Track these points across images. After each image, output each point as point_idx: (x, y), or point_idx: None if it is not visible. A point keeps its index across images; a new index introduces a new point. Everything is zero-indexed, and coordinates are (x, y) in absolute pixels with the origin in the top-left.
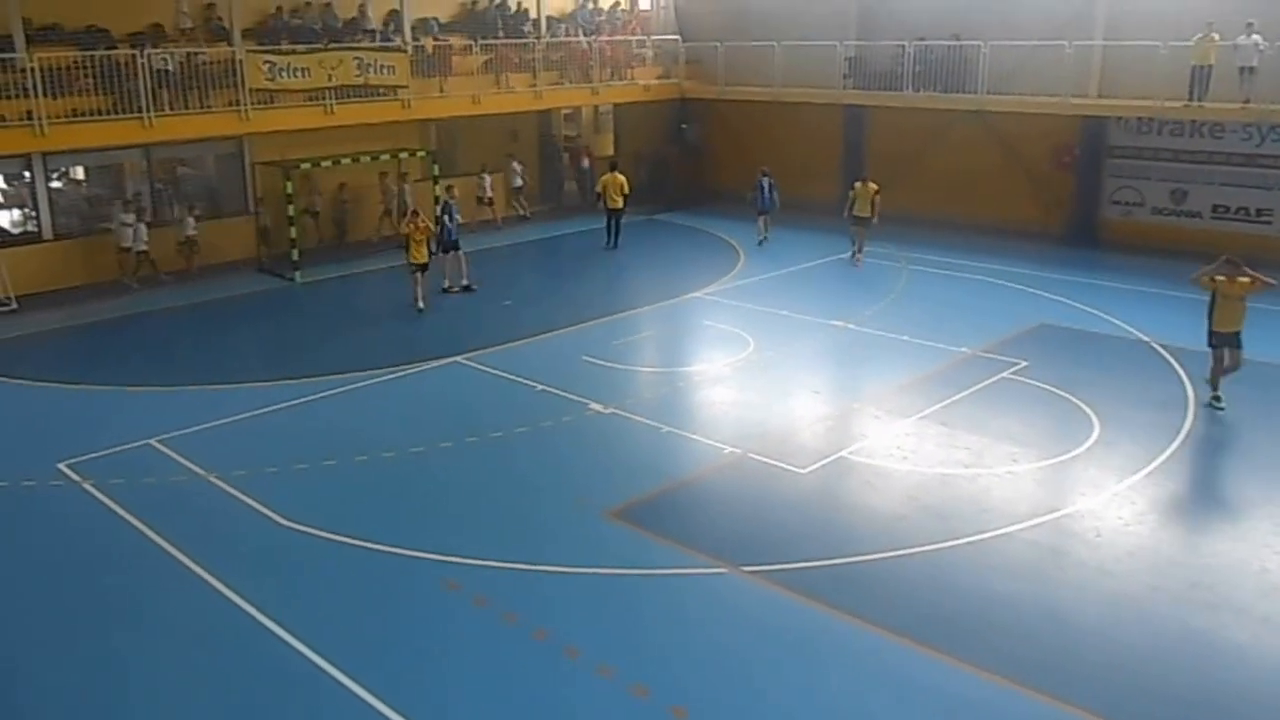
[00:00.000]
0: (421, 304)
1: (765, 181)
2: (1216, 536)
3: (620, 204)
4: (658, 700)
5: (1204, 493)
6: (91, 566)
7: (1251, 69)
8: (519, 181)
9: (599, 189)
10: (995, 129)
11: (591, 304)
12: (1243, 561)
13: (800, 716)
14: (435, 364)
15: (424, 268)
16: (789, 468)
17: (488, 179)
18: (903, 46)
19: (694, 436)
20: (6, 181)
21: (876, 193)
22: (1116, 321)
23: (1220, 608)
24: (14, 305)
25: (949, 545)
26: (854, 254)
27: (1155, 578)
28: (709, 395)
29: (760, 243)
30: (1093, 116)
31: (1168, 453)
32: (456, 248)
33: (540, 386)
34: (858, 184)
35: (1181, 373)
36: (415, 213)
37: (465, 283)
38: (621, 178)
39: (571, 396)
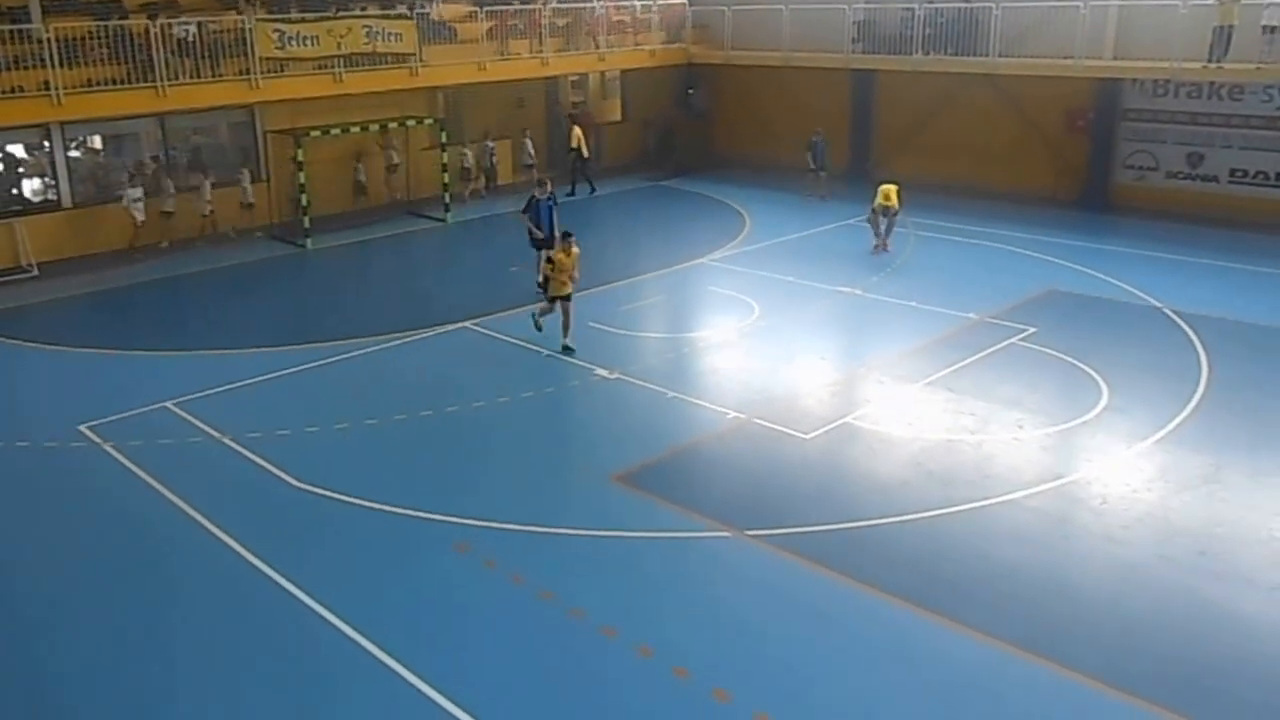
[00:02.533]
0: (571, 342)
1: (818, 140)
2: (1225, 505)
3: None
4: (661, 660)
5: (1213, 461)
6: (111, 525)
7: (1275, 28)
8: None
9: (575, 144)
10: (1007, 93)
11: (597, 270)
12: (1252, 530)
13: (801, 678)
14: (442, 330)
15: (569, 297)
16: (793, 433)
17: (492, 145)
18: (912, 9)
19: (699, 402)
20: (26, 151)
21: (898, 191)
22: (1128, 287)
23: (1228, 576)
24: (35, 272)
25: (953, 511)
26: (877, 243)
27: (1162, 546)
28: (714, 361)
29: (822, 198)
30: (1107, 79)
31: (1177, 420)
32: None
33: (546, 352)
34: (885, 185)
35: (1194, 339)
36: (568, 234)
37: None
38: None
39: (578, 362)
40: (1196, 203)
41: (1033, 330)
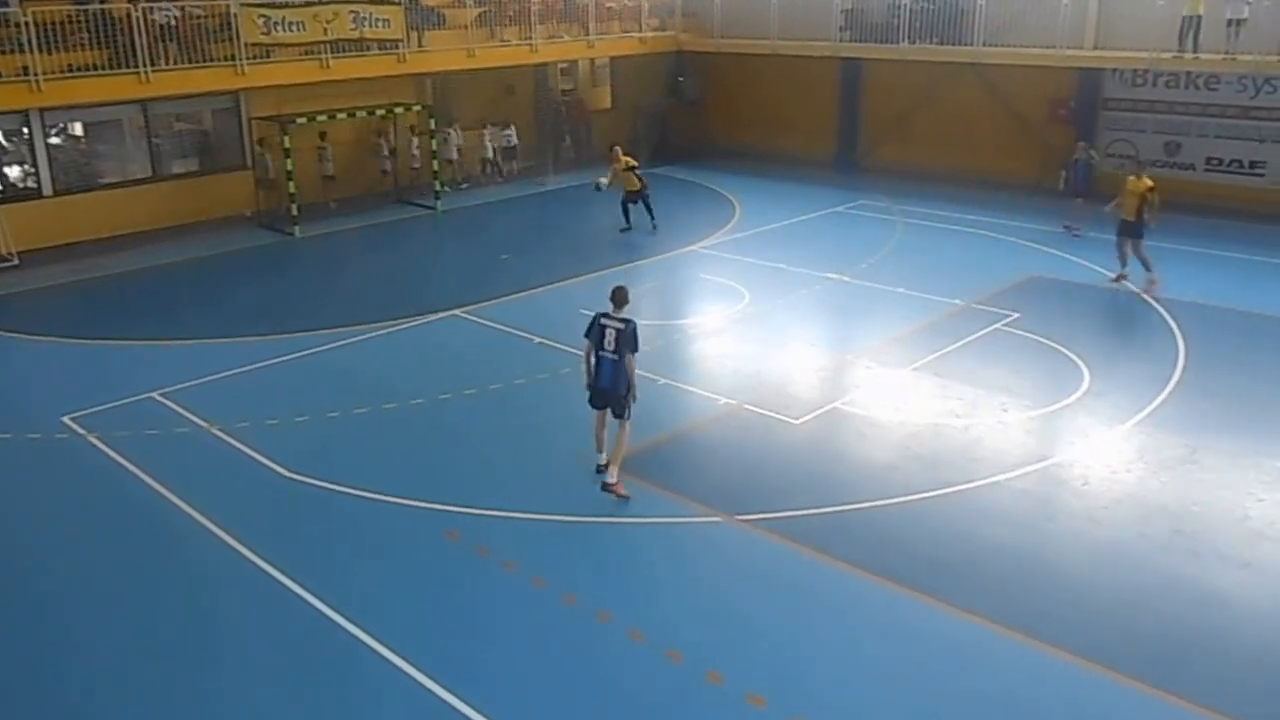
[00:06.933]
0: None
1: (1085, 154)
2: (1202, 485)
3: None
4: (654, 644)
5: (1190, 442)
6: (97, 518)
7: (1241, 21)
8: (453, 154)
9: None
10: (991, 82)
11: (588, 258)
12: (1227, 509)
13: (793, 660)
14: (433, 317)
15: None
16: (783, 419)
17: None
18: None
19: (690, 388)
20: (6, 138)
21: (1151, 189)
22: (1109, 274)
23: (1204, 554)
24: (15, 261)
25: (940, 494)
26: (1142, 277)
27: (1141, 525)
28: (705, 348)
29: (1067, 227)
30: (1088, 68)
31: (1156, 402)
32: (622, 414)
33: (538, 339)
34: (1130, 178)
35: (1172, 324)
36: None
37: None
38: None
39: (569, 349)
40: (1174, 190)
41: (1017, 316)
